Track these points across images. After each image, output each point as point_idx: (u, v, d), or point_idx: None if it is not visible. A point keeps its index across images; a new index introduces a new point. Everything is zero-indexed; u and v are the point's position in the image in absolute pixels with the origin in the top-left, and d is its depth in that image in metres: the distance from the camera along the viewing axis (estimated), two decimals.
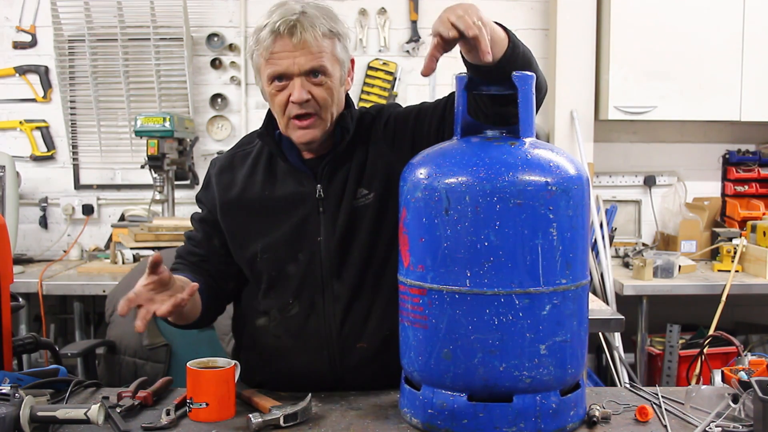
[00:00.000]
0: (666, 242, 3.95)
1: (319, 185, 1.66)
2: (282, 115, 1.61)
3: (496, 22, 1.43)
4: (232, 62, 3.94)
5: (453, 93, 1.52)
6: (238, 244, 1.71)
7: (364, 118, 1.72)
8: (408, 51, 3.96)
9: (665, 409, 1.47)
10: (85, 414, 1.32)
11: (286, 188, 1.68)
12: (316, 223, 1.66)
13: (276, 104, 1.61)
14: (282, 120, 1.62)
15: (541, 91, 1.49)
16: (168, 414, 1.43)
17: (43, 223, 3.94)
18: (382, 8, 3.95)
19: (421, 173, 1.37)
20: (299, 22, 1.54)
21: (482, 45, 1.28)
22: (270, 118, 1.70)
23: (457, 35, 1.29)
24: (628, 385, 1.64)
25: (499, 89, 1.45)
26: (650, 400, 1.54)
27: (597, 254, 3.50)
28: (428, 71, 1.33)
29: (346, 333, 1.65)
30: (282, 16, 1.55)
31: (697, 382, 2.22)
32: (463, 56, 1.40)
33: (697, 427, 1.39)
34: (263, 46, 1.57)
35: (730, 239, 3.64)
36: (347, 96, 1.70)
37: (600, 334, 3.39)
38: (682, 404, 1.49)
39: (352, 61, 1.69)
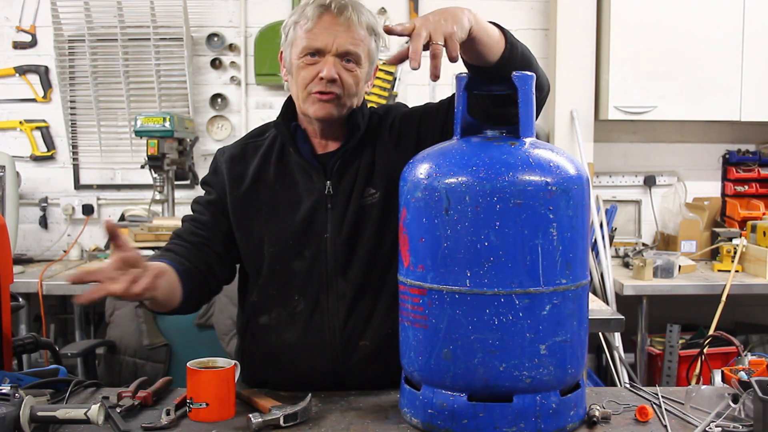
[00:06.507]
0: (666, 242, 3.95)
1: (328, 182, 1.66)
2: (303, 89, 1.61)
3: (493, 23, 1.43)
4: (232, 62, 3.93)
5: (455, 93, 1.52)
6: (244, 236, 1.70)
7: (372, 118, 1.73)
8: None
9: (665, 409, 1.47)
10: (85, 414, 1.32)
11: (296, 182, 1.68)
12: (323, 220, 1.66)
13: (300, 77, 1.61)
14: (301, 93, 1.62)
15: (543, 90, 1.49)
16: (168, 414, 1.43)
17: (43, 223, 3.94)
18: (382, 8, 3.95)
19: (421, 173, 1.37)
20: (351, 4, 1.59)
21: (431, 67, 1.26)
22: (287, 108, 1.70)
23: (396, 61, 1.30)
24: (628, 385, 1.64)
25: (499, 89, 1.45)
26: (650, 400, 1.54)
27: (597, 254, 3.50)
28: (396, 61, 1.32)
29: (349, 331, 1.65)
30: None
31: (697, 382, 2.22)
32: (462, 57, 1.40)
33: (697, 427, 1.38)
34: (307, 17, 1.59)
35: (730, 239, 3.64)
36: None
37: (600, 334, 3.39)
38: (682, 404, 1.49)
39: (376, 68, 1.72)
